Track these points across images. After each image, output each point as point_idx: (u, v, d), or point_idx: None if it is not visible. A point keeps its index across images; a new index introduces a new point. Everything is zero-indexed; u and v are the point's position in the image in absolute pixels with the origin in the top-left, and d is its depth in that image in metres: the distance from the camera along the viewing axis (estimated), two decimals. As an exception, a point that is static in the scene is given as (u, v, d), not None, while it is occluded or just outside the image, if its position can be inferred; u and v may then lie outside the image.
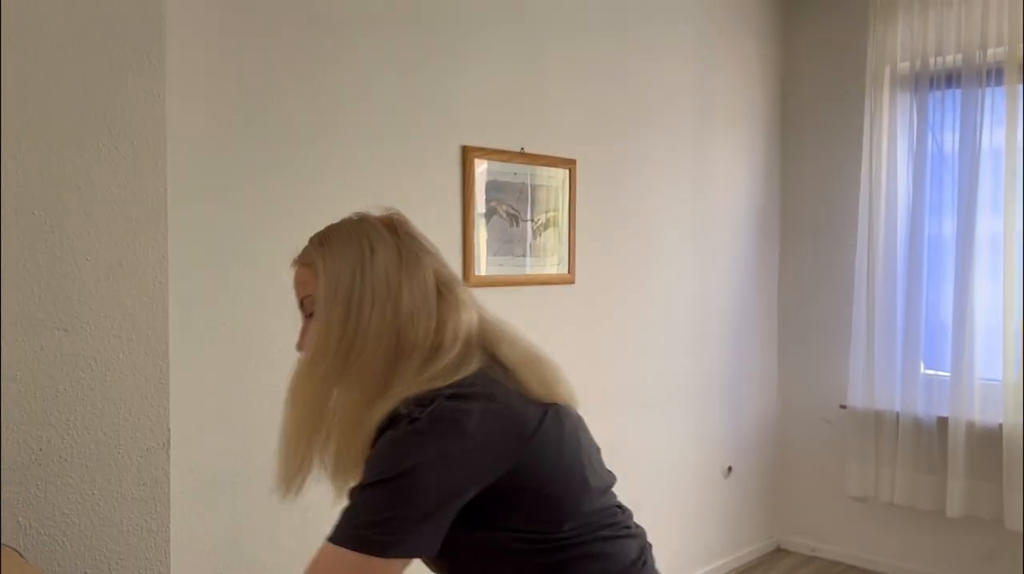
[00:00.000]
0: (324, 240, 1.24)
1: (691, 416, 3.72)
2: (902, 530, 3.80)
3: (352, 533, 1.05)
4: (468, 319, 1.22)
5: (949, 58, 3.54)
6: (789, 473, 4.20)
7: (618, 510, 1.32)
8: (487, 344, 1.22)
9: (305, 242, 1.30)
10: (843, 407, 3.87)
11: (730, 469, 3.93)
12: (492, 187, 2.82)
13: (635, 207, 3.39)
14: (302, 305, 1.25)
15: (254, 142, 2.25)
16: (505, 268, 2.89)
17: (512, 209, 2.89)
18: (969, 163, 3.46)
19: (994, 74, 3.43)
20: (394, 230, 1.24)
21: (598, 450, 1.36)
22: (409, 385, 1.13)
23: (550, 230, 3.03)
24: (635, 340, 3.42)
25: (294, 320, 2.29)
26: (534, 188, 2.97)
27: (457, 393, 1.11)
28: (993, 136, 3.44)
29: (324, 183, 2.40)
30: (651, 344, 3.49)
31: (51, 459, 1.65)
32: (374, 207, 1.31)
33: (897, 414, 3.67)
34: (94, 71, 1.69)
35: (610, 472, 1.37)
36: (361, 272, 1.18)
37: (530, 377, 1.20)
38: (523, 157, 2.91)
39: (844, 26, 3.92)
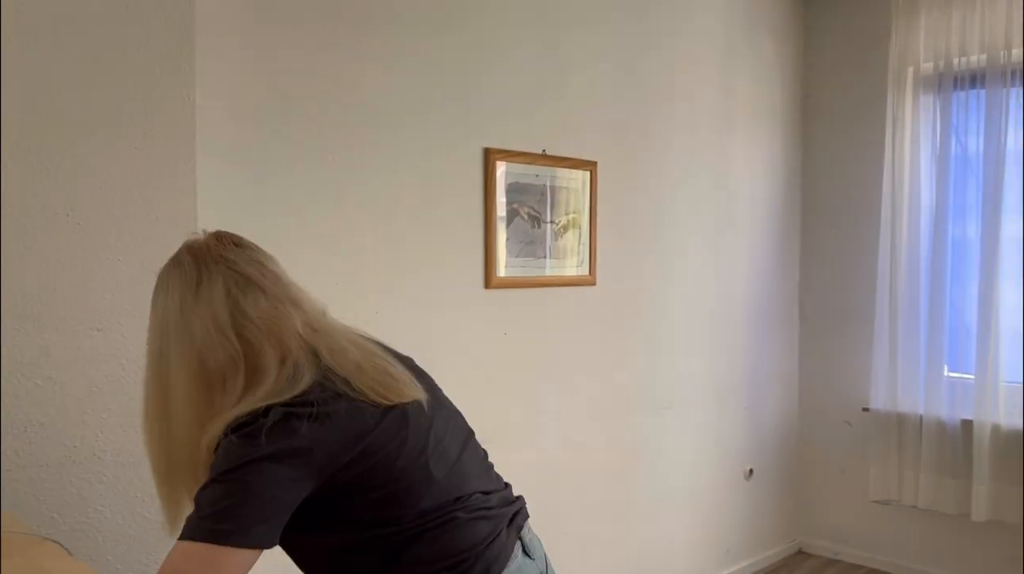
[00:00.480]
0: (158, 281, 1.31)
1: (712, 418, 3.71)
2: (926, 534, 3.77)
3: (198, 525, 1.08)
4: (289, 333, 1.23)
5: (973, 58, 3.51)
6: (811, 476, 4.18)
7: (481, 495, 1.35)
8: (320, 354, 1.23)
9: (330, 240, 1.29)
10: (865, 410, 3.85)
11: (751, 471, 3.92)
12: (513, 189, 2.84)
13: (656, 208, 3.39)
14: None
15: (279, 144, 2.28)
16: (526, 270, 2.90)
17: (533, 211, 2.91)
18: (994, 165, 3.43)
19: (1019, 74, 3.40)
20: (201, 257, 1.26)
21: (469, 433, 1.44)
22: (241, 406, 1.16)
23: (571, 232, 3.04)
24: (655, 341, 3.42)
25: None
26: (555, 190, 2.98)
27: (290, 403, 1.15)
28: (1018, 137, 3.41)
29: (349, 184, 2.43)
30: (671, 345, 3.49)
31: (85, 457, 1.68)
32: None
33: (920, 417, 3.64)
34: (126, 74, 1.72)
35: (484, 457, 1.44)
36: (163, 310, 1.24)
37: (367, 384, 1.22)
38: (545, 159, 2.93)
39: (866, 26, 3.90)
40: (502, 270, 2.81)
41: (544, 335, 2.98)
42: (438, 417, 1.34)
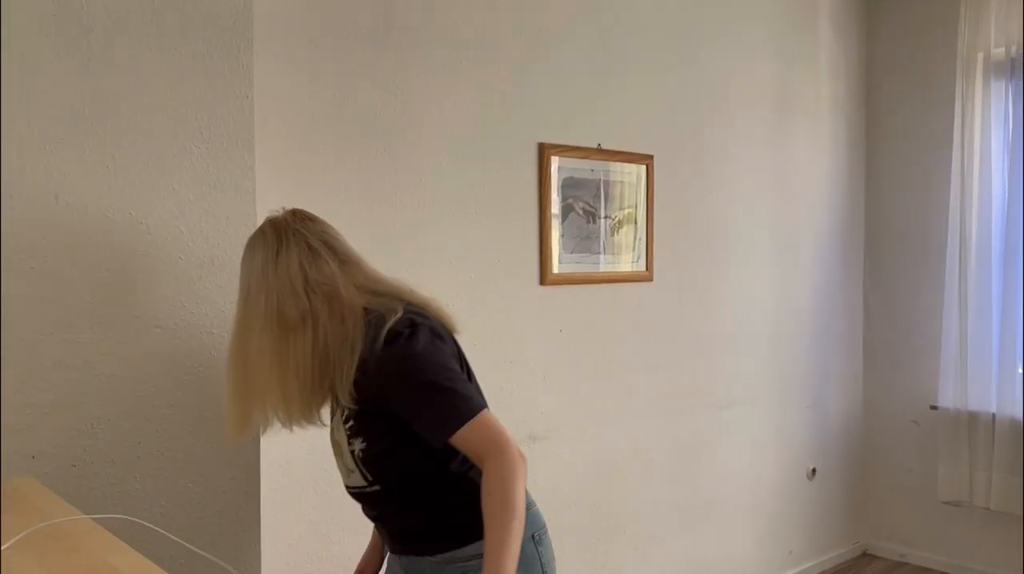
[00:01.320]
0: (250, 241, 1.55)
1: (773, 417, 3.64)
2: (997, 536, 3.64)
3: (465, 409, 1.38)
4: (354, 288, 1.49)
5: (1047, 42, 3.38)
6: (876, 476, 4.07)
7: None
8: (392, 295, 1.51)
9: (385, 239, 1.81)
10: (934, 408, 3.73)
11: (814, 471, 3.84)
12: (568, 184, 2.81)
13: (714, 202, 3.33)
14: None
15: (335, 142, 2.29)
16: (582, 266, 2.87)
17: (588, 206, 2.87)
18: (1070, 152, 3.29)
19: (1097, 58, 3.26)
20: (280, 229, 1.51)
21: None
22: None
23: (627, 227, 3.00)
24: (715, 338, 3.36)
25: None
26: (611, 184, 2.94)
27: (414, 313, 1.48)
28: (1096, 123, 3.27)
29: (404, 183, 2.43)
30: (731, 343, 3.42)
31: (148, 453, 1.70)
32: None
33: (993, 415, 3.52)
34: (185, 75, 1.74)
35: None
36: (248, 272, 1.51)
37: (436, 315, 1.52)
38: (600, 153, 2.89)
39: (932, 10, 3.78)
40: (557, 266, 2.79)
41: (600, 332, 2.95)
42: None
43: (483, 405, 1.40)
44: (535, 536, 1.58)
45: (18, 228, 1.56)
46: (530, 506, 1.59)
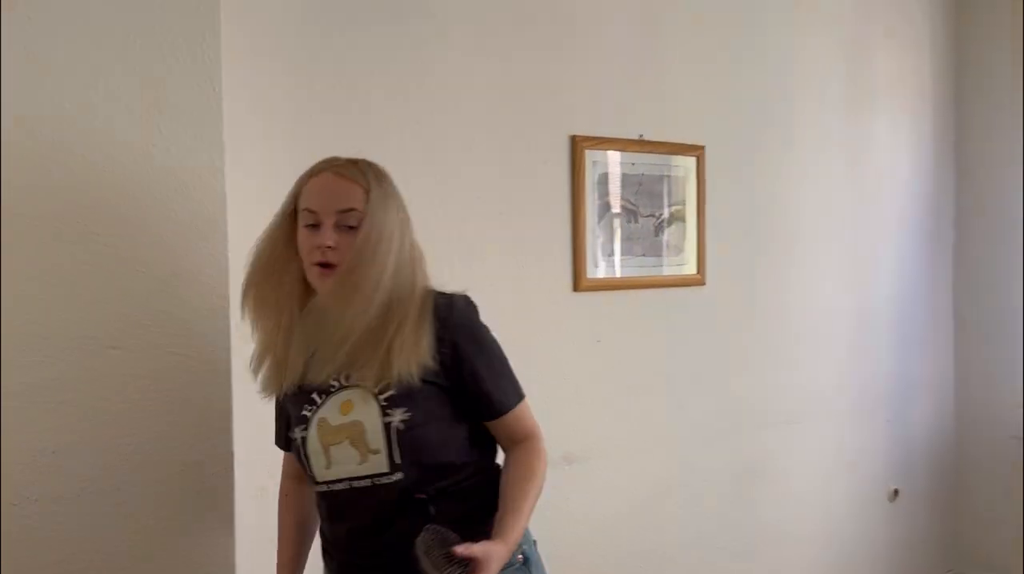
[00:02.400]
0: (380, 176, 1.45)
1: (847, 433, 3.30)
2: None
3: (516, 390, 1.49)
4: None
5: None
6: (968, 498, 3.69)
7: None
8: None
9: None
10: (1034, 424, 3.34)
11: (896, 492, 3.48)
12: (606, 180, 2.55)
13: (776, 198, 3.02)
14: (342, 214, 1.38)
15: (336, 136, 2.07)
16: (623, 269, 2.61)
17: (630, 203, 2.61)
18: None
19: None
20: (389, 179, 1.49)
21: None
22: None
23: (675, 226, 2.72)
24: (777, 348, 3.04)
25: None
26: (655, 179, 2.66)
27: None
28: None
29: (417, 179, 2.20)
30: (796, 352, 3.10)
31: (106, 487, 1.54)
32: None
33: (1102, 433, 3.11)
34: (146, 70, 1.57)
35: None
36: (399, 219, 1.44)
37: None
38: (642, 145, 2.62)
39: (1032, -22, 3.38)
40: (593, 271, 2.53)
41: (644, 342, 2.68)
42: None
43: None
44: (523, 556, 1.45)
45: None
46: None
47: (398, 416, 1.34)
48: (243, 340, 1.71)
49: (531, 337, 2.43)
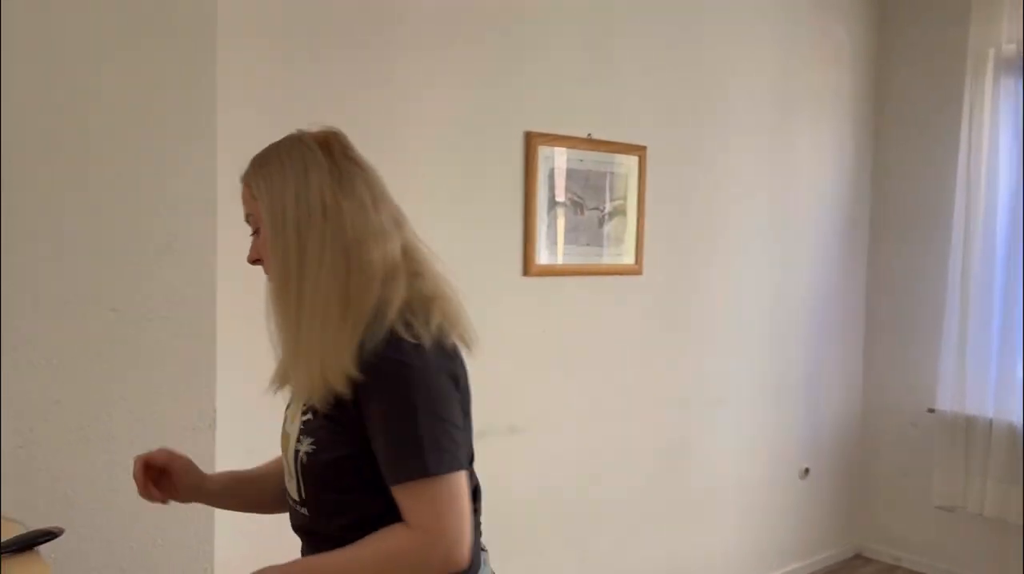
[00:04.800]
0: (262, 162, 1.21)
1: (766, 415, 3.58)
2: (991, 543, 3.56)
3: (440, 459, 1.11)
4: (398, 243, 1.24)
5: (1060, 39, 3.27)
6: (871, 478, 4.00)
7: None
8: (412, 270, 1.24)
9: None
10: (931, 411, 3.66)
11: (807, 471, 3.78)
12: (556, 174, 2.76)
13: (709, 196, 3.27)
14: (247, 221, 1.23)
15: (307, 125, 2.24)
16: (569, 257, 2.82)
17: (577, 197, 2.82)
18: (1080, 153, 3.19)
19: (1111, 56, 3.15)
20: (330, 151, 1.21)
21: None
22: (389, 308, 1.15)
23: (617, 219, 2.95)
24: (706, 334, 3.30)
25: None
26: (601, 175, 2.89)
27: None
28: (1108, 124, 3.16)
29: (383, 172, 2.38)
30: (724, 339, 3.36)
31: (97, 436, 1.69)
32: (313, 125, 1.28)
33: (990, 420, 3.44)
34: (143, 45, 1.71)
35: None
36: (295, 196, 1.16)
37: (445, 315, 1.22)
38: (590, 143, 2.84)
39: (945, 4, 3.67)
40: (544, 257, 2.74)
41: (585, 325, 2.90)
42: None
43: (461, 465, 1.15)
44: None
45: (-33, 207, 1.54)
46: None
47: (304, 445, 1.19)
48: (227, 308, 1.88)
49: (483, 317, 2.59)
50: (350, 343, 1.12)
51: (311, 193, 1.16)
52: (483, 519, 1.30)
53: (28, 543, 0.99)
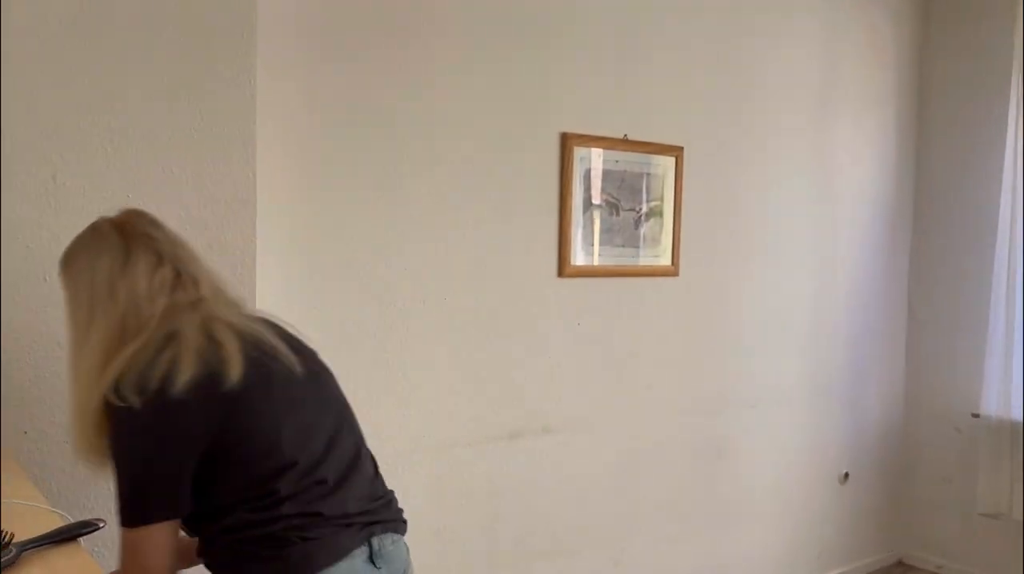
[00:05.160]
0: (66, 257, 1.37)
1: (805, 418, 3.54)
2: (1039, 552, 3.49)
3: (131, 512, 1.23)
4: (186, 310, 1.33)
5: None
6: (913, 483, 3.93)
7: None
8: (206, 321, 1.31)
9: (401, 230, 1.99)
10: (975, 416, 3.58)
11: (847, 475, 3.73)
12: (592, 175, 2.76)
13: (748, 196, 3.24)
14: None
15: (344, 128, 2.27)
16: (604, 259, 2.82)
17: (612, 198, 2.82)
18: None
19: None
20: (123, 231, 1.35)
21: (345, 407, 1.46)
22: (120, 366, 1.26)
23: (653, 220, 2.94)
24: (744, 336, 3.27)
25: (382, 305, 2.32)
26: (637, 176, 2.88)
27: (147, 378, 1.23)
28: None
29: (415, 171, 2.41)
30: (761, 341, 3.33)
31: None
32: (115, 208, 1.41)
33: (1036, 426, 3.36)
34: (185, 58, 1.75)
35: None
36: (90, 274, 1.32)
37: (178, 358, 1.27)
38: (626, 144, 2.83)
39: (991, 2, 3.60)
40: (578, 259, 2.74)
41: (620, 326, 2.89)
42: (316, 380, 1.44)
43: (150, 517, 1.23)
44: None
45: (19, 208, 1.59)
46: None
47: None
48: (266, 309, 1.91)
49: (519, 318, 2.64)
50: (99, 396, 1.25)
51: (99, 277, 1.31)
52: (516, 518, 1.32)
53: (70, 534, 1.02)
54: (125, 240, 1.34)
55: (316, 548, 1.28)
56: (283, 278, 2.15)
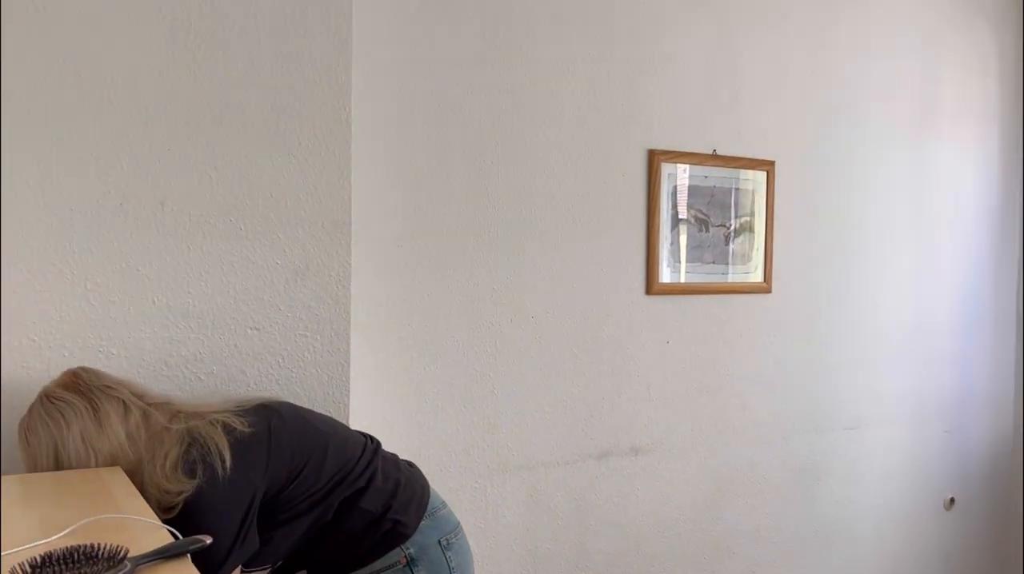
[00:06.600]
0: (26, 434, 1.38)
1: (907, 440, 3.39)
2: None
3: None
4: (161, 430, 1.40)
5: None
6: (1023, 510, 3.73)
7: None
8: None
9: (487, 246, 2.07)
10: (1095, 440, 3.37)
11: (952, 501, 3.55)
12: (680, 191, 2.72)
13: (842, 211, 3.14)
14: None
15: (437, 146, 2.31)
16: (693, 276, 2.77)
17: (701, 214, 2.77)
18: None
19: None
20: (79, 389, 1.39)
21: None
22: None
23: (744, 236, 2.88)
24: (840, 354, 3.16)
25: (471, 323, 2.34)
26: (727, 192, 2.83)
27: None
28: None
29: (506, 189, 2.42)
30: (859, 359, 3.21)
31: (242, 448, 1.77)
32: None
33: None
34: (283, 86, 1.81)
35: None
36: (62, 445, 1.34)
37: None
38: (716, 159, 2.79)
39: (1103, 3, 3.42)
40: (665, 276, 2.71)
41: (711, 344, 2.84)
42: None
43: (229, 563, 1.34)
44: (443, 541, 1.60)
45: (130, 230, 1.67)
46: (440, 507, 1.63)
47: None
48: (359, 326, 1.95)
49: (606, 336, 2.62)
50: None
51: (75, 442, 1.35)
52: (606, 540, 1.32)
53: (180, 550, 1.06)
54: (89, 398, 1.38)
55: None
56: (375, 298, 2.19)
